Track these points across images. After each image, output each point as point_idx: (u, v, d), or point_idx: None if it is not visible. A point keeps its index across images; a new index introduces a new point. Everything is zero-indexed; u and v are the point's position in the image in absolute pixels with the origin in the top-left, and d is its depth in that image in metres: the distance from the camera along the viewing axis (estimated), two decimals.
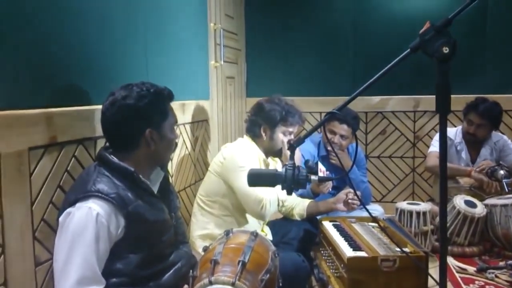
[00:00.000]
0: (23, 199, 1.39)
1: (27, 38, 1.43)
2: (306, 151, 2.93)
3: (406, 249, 2.04)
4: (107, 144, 1.57)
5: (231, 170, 2.30)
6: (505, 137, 3.25)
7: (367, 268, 1.96)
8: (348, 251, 2.05)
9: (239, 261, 1.41)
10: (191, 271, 1.46)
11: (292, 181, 1.37)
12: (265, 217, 2.36)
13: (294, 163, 1.38)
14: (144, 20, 2.17)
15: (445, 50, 1.30)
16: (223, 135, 3.36)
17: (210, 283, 1.35)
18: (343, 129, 2.86)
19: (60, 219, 1.38)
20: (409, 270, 1.97)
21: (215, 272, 1.38)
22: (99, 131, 1.73)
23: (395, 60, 1.42)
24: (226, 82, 3.45)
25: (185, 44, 2.71)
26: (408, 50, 1.39)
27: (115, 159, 1.46)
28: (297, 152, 2.48)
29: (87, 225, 1.33)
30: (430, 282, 2.02)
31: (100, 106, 1.54)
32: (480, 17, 3.64)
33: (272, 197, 2.26)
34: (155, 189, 1.58)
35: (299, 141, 1.50)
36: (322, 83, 3.85)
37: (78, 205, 1.35)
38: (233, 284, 1.34)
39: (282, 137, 2.41)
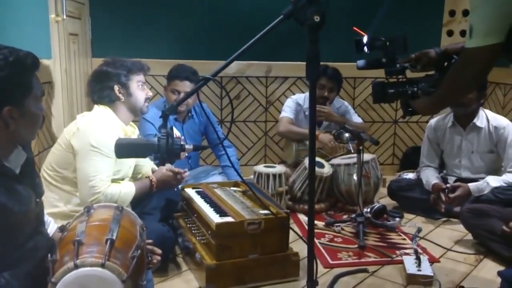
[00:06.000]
0: None
1: None
2: (155, 119, 2.81)
3: (270, 211, 2.13)
4: None
5: (81, 146, 2.10)
6: (346, 102, 3.57)
7: (235, 232, 1.99)
8: (215, 218, 2.06)
9: (106, 240, 1.28)
10: (49, 255, 1.28)
11: (165, 151, 1.29)
12: None
13: (167, 132, 1.29)
14: None
15: (316, 18, 1.32)
16: (68, 99, 3.03)
17: (76, 266, 1.20)
18: (185, 85, 2.93)
19: None
20: (273, 230, 2.06)
21: (79, 254, 1.23)
22: None
23: (269, 26, 1.41)
24: (69, 40, 3.09)
25: None
26: (281, 16, 1.39)
27: None
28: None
29: None
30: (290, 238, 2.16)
31: None
32: None
33: (111, 196, 2.11)
34: (16, 172, 1.34)
35: (171, 108, 1.41)
36: (175, 45, 3.71)
37: None
38: (102, 265, 1.21)
39: (139, 90, 2.29)
